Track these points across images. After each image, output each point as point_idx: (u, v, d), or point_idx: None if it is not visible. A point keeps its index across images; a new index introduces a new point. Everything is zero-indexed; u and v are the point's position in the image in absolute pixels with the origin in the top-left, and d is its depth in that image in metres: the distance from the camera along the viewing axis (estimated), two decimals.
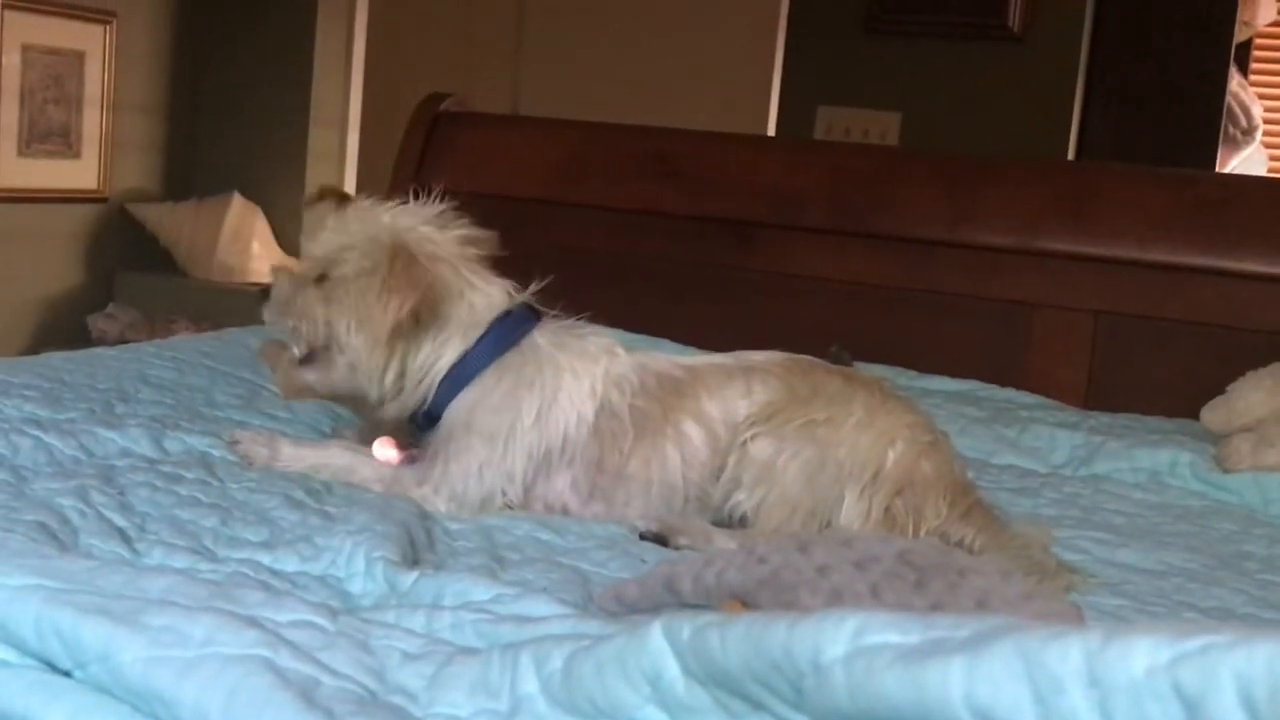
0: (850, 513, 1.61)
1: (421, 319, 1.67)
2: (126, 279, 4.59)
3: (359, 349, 1.69)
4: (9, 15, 4.16)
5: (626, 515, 1.71)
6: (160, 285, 4.56)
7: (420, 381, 1.72)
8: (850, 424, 1.65)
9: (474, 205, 2.97)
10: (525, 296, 1.80)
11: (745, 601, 1.22)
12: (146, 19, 4.71)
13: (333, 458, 1.73)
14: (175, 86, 4.83)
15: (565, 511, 1.72)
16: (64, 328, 4.45)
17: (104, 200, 4.57)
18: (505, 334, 1.74)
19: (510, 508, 1.69)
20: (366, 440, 1.88)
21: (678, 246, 3.07)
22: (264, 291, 1.79)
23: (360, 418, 1.94)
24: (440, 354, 1.72)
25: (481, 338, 1.73)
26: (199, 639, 0.92)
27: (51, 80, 4.37)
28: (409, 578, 1.26)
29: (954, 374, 2.78)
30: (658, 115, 4.14)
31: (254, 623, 0.96)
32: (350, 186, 5.08)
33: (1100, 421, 2.44)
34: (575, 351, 1.75)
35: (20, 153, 4.29)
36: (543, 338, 1.76)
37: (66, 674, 0.95)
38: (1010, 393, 2.69)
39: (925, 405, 2.49)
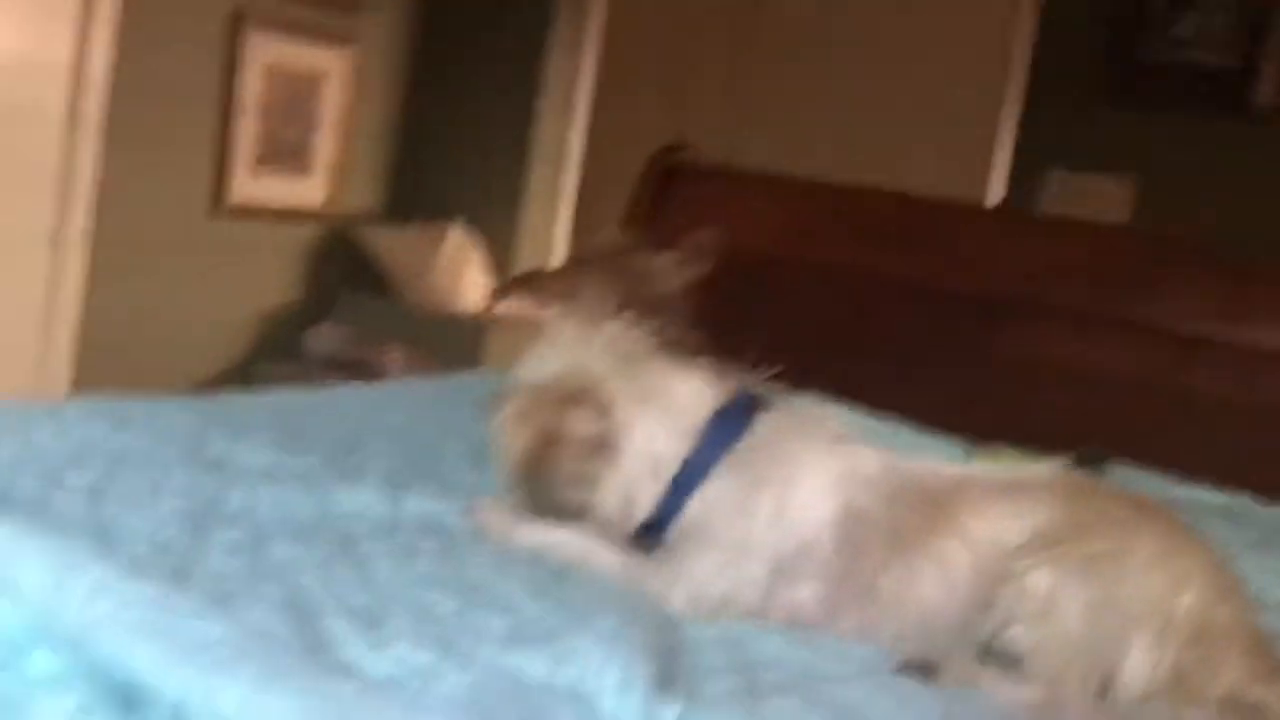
0: (1136, 665, 1.45)
1: (549, 449, 1.62)
2: (344, 298, 4.66)
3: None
4: (253, 36, 4.26)
5: (878, 636, 1.58)
6: (376, 307, 4.62)
7: (634, 495, 1.64)
8: (1139, 560, 1.49)
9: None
10: (744, 384, 1.69)
11: None
12: (385, 45, 4.78)
13: (568, 539, 1.65)
14: (406, 113, 4.89)
15: (811, 625, 1.59)
16: (279, 341, 4.52)
17: (328, 219, 4.63)
18: (726, 430, 1.63)
19: (750, 614, 1.58)
20: None
21: (914, 320, 2.93)
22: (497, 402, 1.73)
23: None
24: (653, 472, 1.63)
25: (700, 440, 1.63)
26: None
27: (289, 100, 4.46)
28: (671, 710, 1.15)
29: (1217, 484, 2.57)
30: (876, 169, 4.01)
31: None
32: (565, 224, 5.07)
33: None
34: (810, 441, 1.64)
35: (254, 170, 4.37)
36: (767, 429, 1.64)
37: None
38: (1277, 511, 2.46)
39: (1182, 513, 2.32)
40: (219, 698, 0.94)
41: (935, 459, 2.14)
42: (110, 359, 3.97)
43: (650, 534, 1.65)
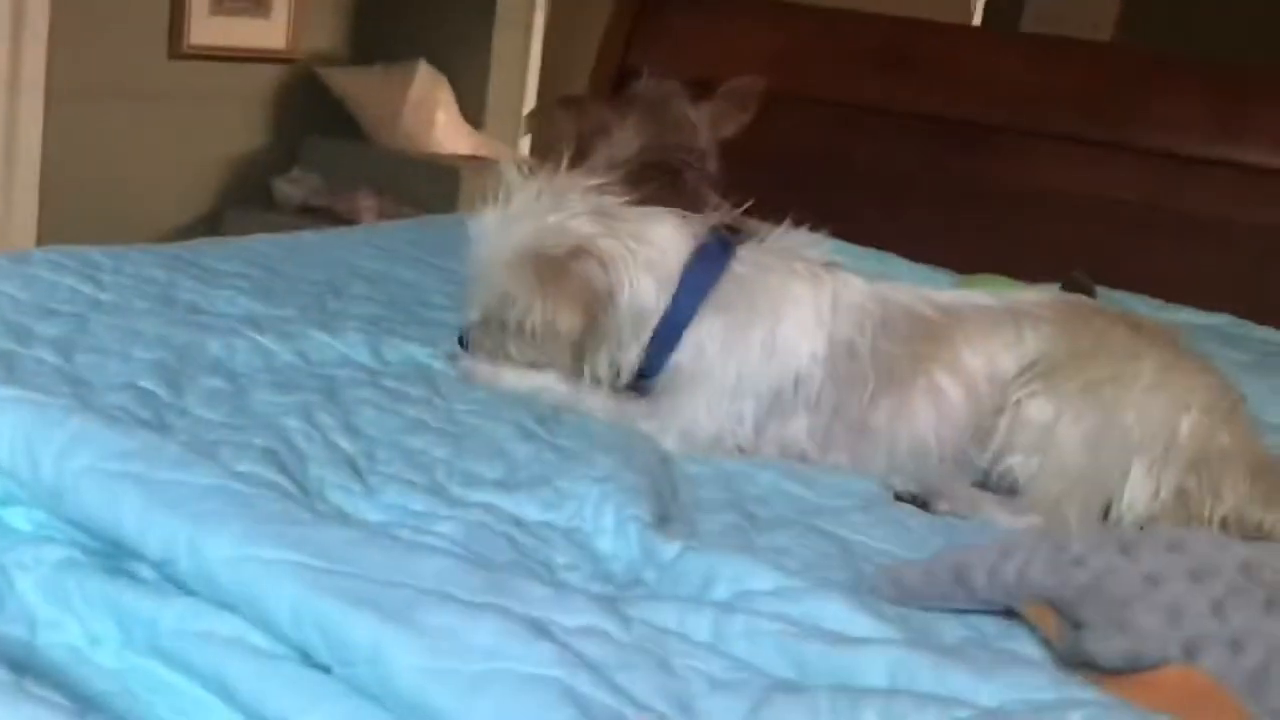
0: (1137, 489, 1.43)
1: (596, 317, 1.53)
2: (310, 143, 4.52)
3: (561, 349, 1.58)
4: None
5: (871, 469, 1.55)
6: (344, 151, 4.49)
7: (629, 356, 1.57)
8: (1140, 386, 1.46)
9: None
10: (712, 223, 1.63)
11: (1056, 608, 1.07)
12: None
13: (556, 383, 1.61)
14: None
15: (803, 458, 1.56)
16: (248, 189, 4.42)
17: (291, 61, 4.49)
18: (704, 273, 1.57)
19: (741, 449, 1.55)
20: None
21: (905, 148, 2.85)
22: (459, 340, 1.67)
23: None
24: (639, 321, 1.56)
25: (677, 289, 1.56)
26: (484, 649, 0.81)
27: None
28: (669, 549, 1.13)
29: (1202, 305, 2.54)
30: None
31: (542, 630, 0.84)
32: (536, 57, 4.93)
33: None
34: (790, 273, 1.58)
35: (212, 11, 4.23)
36: (746, 265, 1.58)
37: (324, 669, 0.84)
38: (1269, 331, 2.45)
39: None
40: (207, 549, 0.90)
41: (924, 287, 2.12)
42: (74, 207, 3.88)
43: (638, 384, 1.60)
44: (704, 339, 1.55)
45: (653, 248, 1.57)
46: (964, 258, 2.64)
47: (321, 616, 0.84)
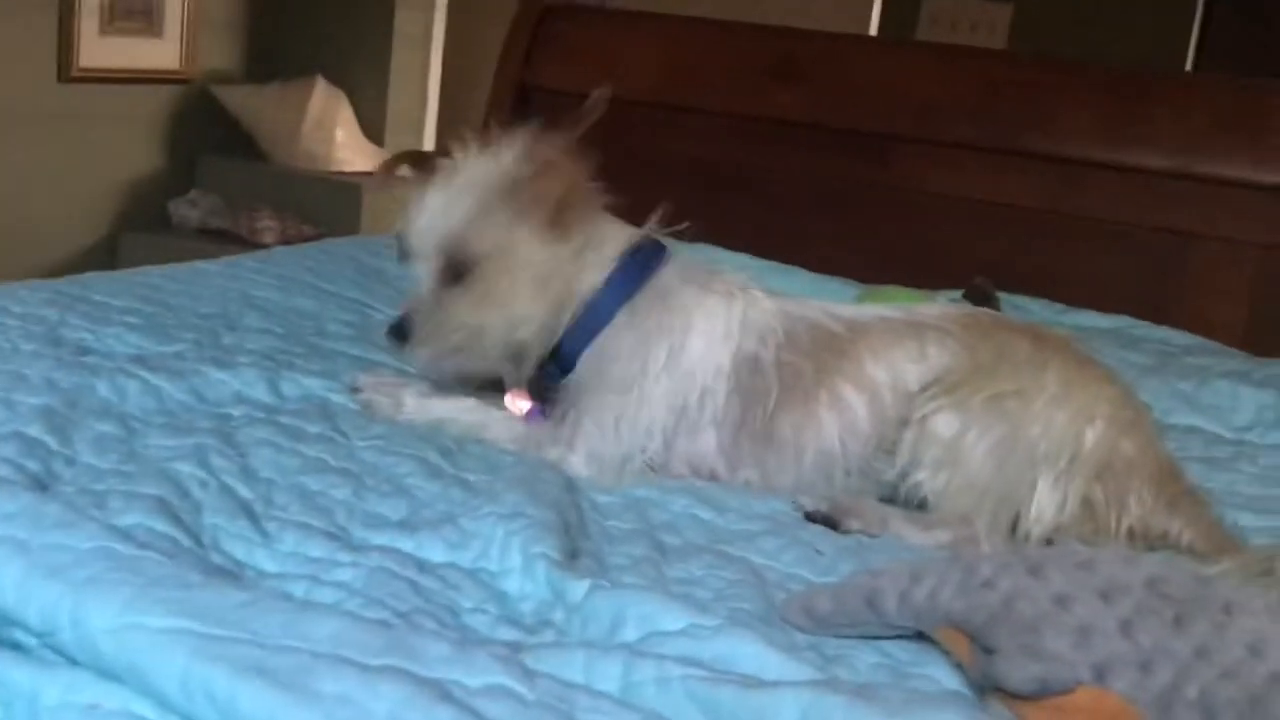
0: (1044, 501, 1.44)
1: (572, 208, 1.52)
2: (208, 163, 4.45)
3: (517, 291, 1.53)
4: None
5: (780, 484, 1.55)
6: (243, 170, 4.41)
7: (559, 321, 1.56)
8: (1044, 398, 1.47)
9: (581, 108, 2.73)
10: (652, 229, 1.62)
11: (968, 634, 1.06)
12: None
13: (461, 412, 1.58)
14: None
15: (713, 477, 1.56)
16: (145, 212, 4.33)
17: (186, 81, 4.41)
18: (634, 272, 1.57)
19: (652, 469, 1.53)
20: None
21: (805, 159, 2.86)
22: (394, 330, 1.55)
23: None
24: (580, 282, 1.56)
25: (610, 276, 1.56)
26: (382, 715, 0.78)
27: None
28: (578, 588, 1.11)
29: (1102, 307, 2.57)
30: (758, 5, 3.90)
31: (444, 693, 0.81)
32: (436, 71, 4.89)
33: (1274, 372, 2.23)
34: (706, 290, 1.58)
35: (102, 31, 4.13)
36: (673, 275, 1.59)
37: None
38: (1166, 331, 2.48)
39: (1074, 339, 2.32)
40: (90, 618, 0.86)
41: (828, 301, 2.12)
42: None
43: (549, 373, 1.58)
44: (616, 342, 1.55)
45: (598, 229, 1.58)
46: (866, 266, 2.65)
47: (212, 686, 0.80)
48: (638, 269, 1.58)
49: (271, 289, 2.11)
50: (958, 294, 2.46)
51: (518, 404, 1.63)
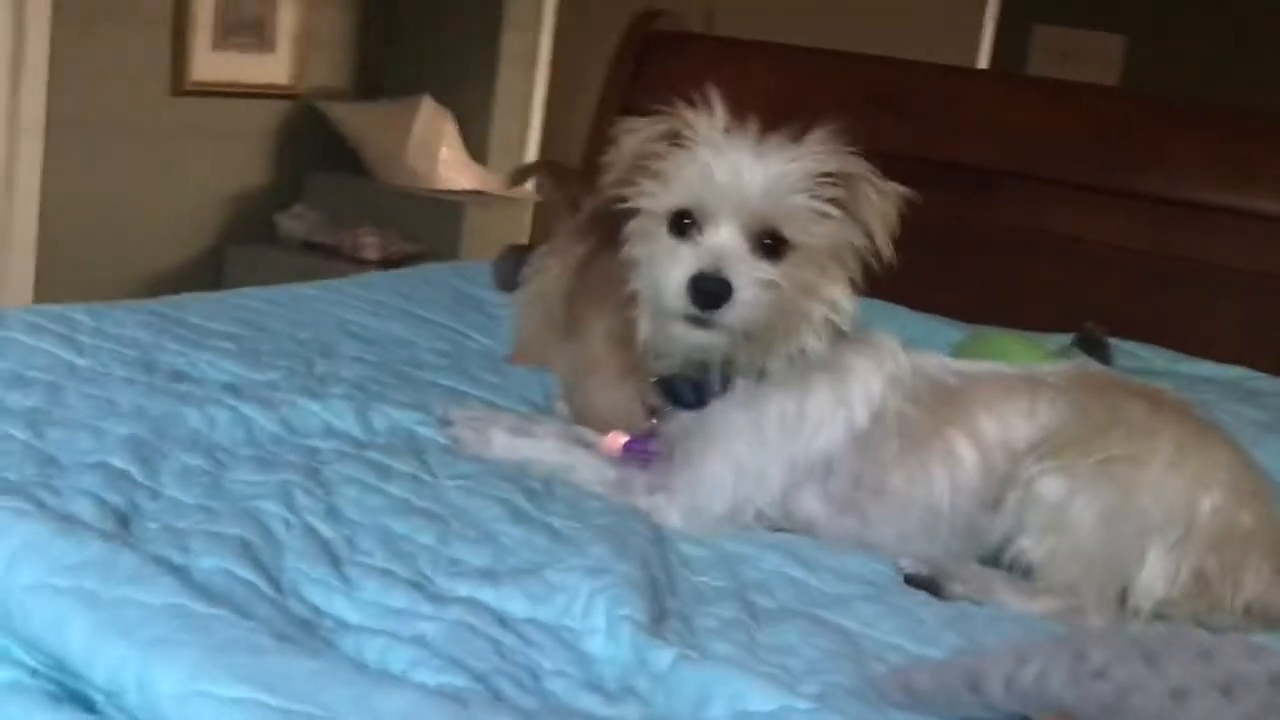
0: (1154, 573, 1.37)
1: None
2: (314, 178, 4.50)
3: (821, 291, 1.44)
4: None
5: (882, 536, 1.49)
6: (347, 186, 4.46)
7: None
8: (1158, 463, 1.40)
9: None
10: None
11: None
12: None
13: (549, 452, 1.55)
14: None
15: (811, 525, 1.50)
16: (251, 224, 4.40)
17: (295, 97, 4.47)
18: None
19: (757, 522, 1.48)
20: (580, 418, 1.70)
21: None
22: (705, 287, 1.37)
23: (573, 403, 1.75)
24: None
25: None
26: None
27: None
28: (664, 656, 1.07)
29: (1218, 357, 2.47)
30: (862, 34, 3.83)
31: None
32: (540, 94, 4.90)
33: None
34: (863, 347, 1.52)
35: (215, 45, 4.19)
36: (848, 336, 1.51)
37: None
38: None
39: (1189, 389, 2.24)
40: (156, 682, 0.84)
41: (935, 346, 2.06)
42: (75, 245, 3.84)
43: (683, 395, 1.51)
44: (773, 389, 1.47)
45: None
46: (970, 307, 2.58)
47: None
48: None
49: (368, 314, 2.11)
50: (1067, 338, 2.39)
51: (616, 441, 1.59)
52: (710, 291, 1.36)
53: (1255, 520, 1.40)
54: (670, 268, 1.39)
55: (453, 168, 4.50)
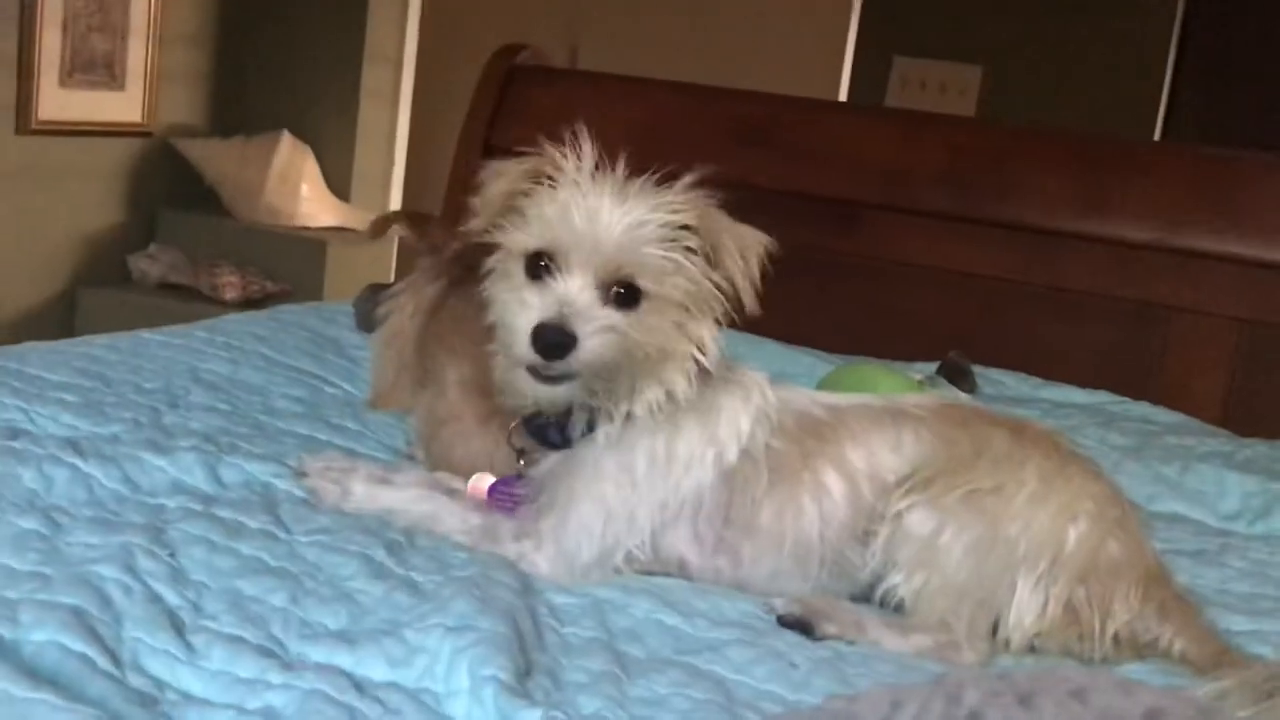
0: (1024, 605, 1.37)
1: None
2: (170, 217, 4.37)
3: (673, 340, 1.41)
4: None
5: (754, 575, 1.47)
6: (204, 225, 4.34)
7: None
8: (1024, 495, 1.40)
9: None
10: None
11: None
12: None
13: (411, 501, 1.49)
14: (223, 17, 4.58)
15: (683, 566, 1.48)
16: (104, 267, 4.25)
17: (148, 135, 4.34)
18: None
19: (619, 569, 1.45)
20: (438, 468, 1.64)
21: (771, 226, 2.76)
22: (548, 336, 1.34)
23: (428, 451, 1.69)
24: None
25: None
26: None
27: (96, 8, 4.13)
28: (530, 716, 1.02)
29: (1078, 381, 2.52)
30: (725, 68, 3.86)
31: None
32: (404, 128, 4.84)
33: (1258, 453, 2.17)
34: (737, 393, 1.49)
35: (62, 83, 4.06)
36: (716, 374, 1.48)
37: None
38: (1146, 408, 2.43)
39: (1050, 415, 2.26)
40: None
41: (803, 379, 2.05)
42: None
43: (559, 439, 1.47)
44: (641, 431, 1.44)
45: None
46: (835, 337, 2.59)
47: None
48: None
49: (219, 360, 2.03)
50: (931, 366, 2.41)
51: (481, 484, 1.54)
52: (553, 342, 1.33)
53: (1122, 549, 1.41)
54: (518, 314, 1.36)
55: (314, 204, 4.40)
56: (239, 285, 4.08)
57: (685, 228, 1.40)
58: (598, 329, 1.34)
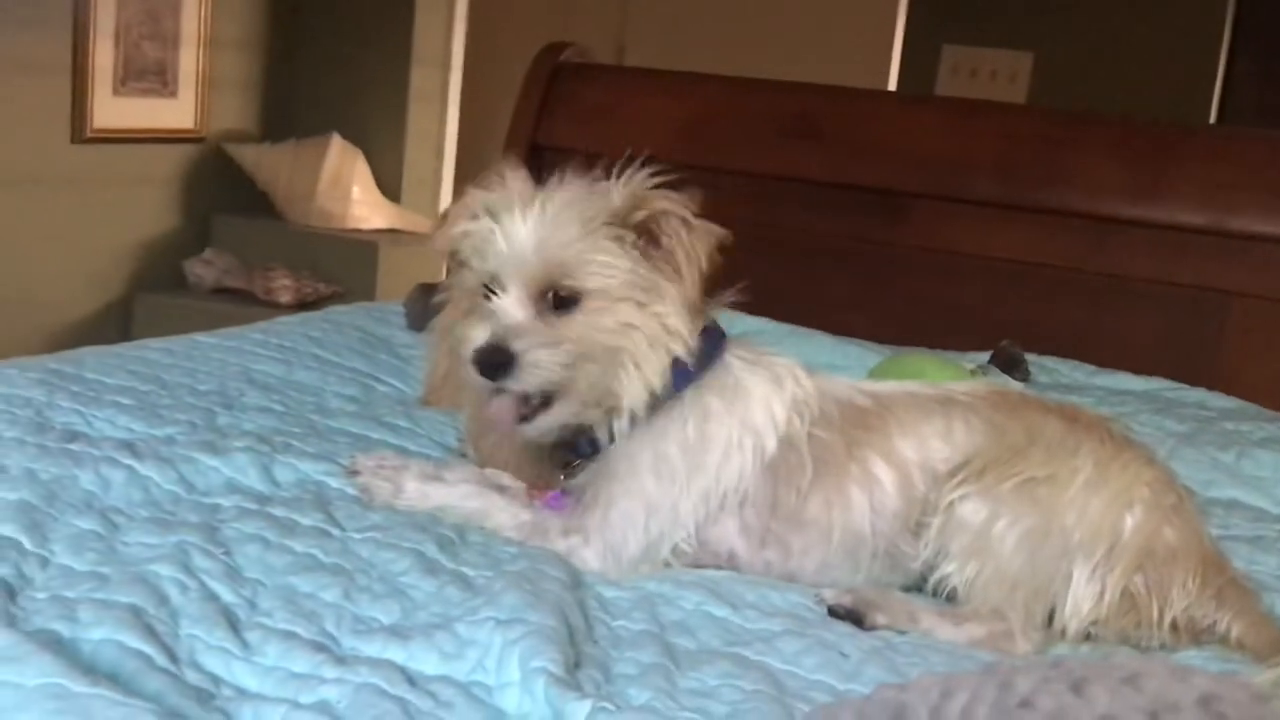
0: (1080, 593, 1.35)
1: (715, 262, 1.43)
2: (223, 222, 4.42)
3: (628, 334, 1.41)
4: None
5: (804, 567, 1.47)
6: (258, 229, 4.38)
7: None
8: (1078, 483, 1.38)
9: (594, 166, 2.72)
10: (719, 305, 1.52)
11: None
12: None
13: (462, 498, 1.50)
14: (273, 23, 4.62)
15: (732, 559, 1.48)
16: (159, 272, 4.30)
17: (200, 140, 4.38)
18: (707, 350, 1.47)
19: (669, 562, 1.45)
20: (493, 460, 1.65)
21: (820, 218, 2.78)
22: (486, 357, 1.38)
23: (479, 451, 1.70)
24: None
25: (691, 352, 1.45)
26: None
27: (147, 16, 4.18)
28: (580, 708, 1.03)
29: (1134, 369, 2.48)
30: (772, 57, 3.84)
31: None
32: (453, 129, 4.86)
33: None
34: (762, 373, 1.50)
35: (115, 91, 4.11)
36: (734, 357, 1.50)
37: None
38: (1203, 394, 2.39)
39: (1106, 402, 2.24)
40: None
41: (852, 370, 2.04)
42: None
43: (580, 446, 1.49)
44: (673, 425, 1.45)
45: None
46: (886, 328, 2.58)
47: None
48: (710, 348, 1.48)
49: (273, 362, 2.05)
50: (984, 357, 2.39)
51: (537, 495, 1.55)
52: (493, 362, 1.38)
53: (1179, 536, 1.39)
54: (465, 339, 1.42)
55: (365, 207, 4.43)
56: (293, 288, 4.12)
57: (635, 213, 1.40)
58: (536, 343, 1.37)
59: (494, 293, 1.41)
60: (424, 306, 2.16)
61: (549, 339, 1.38)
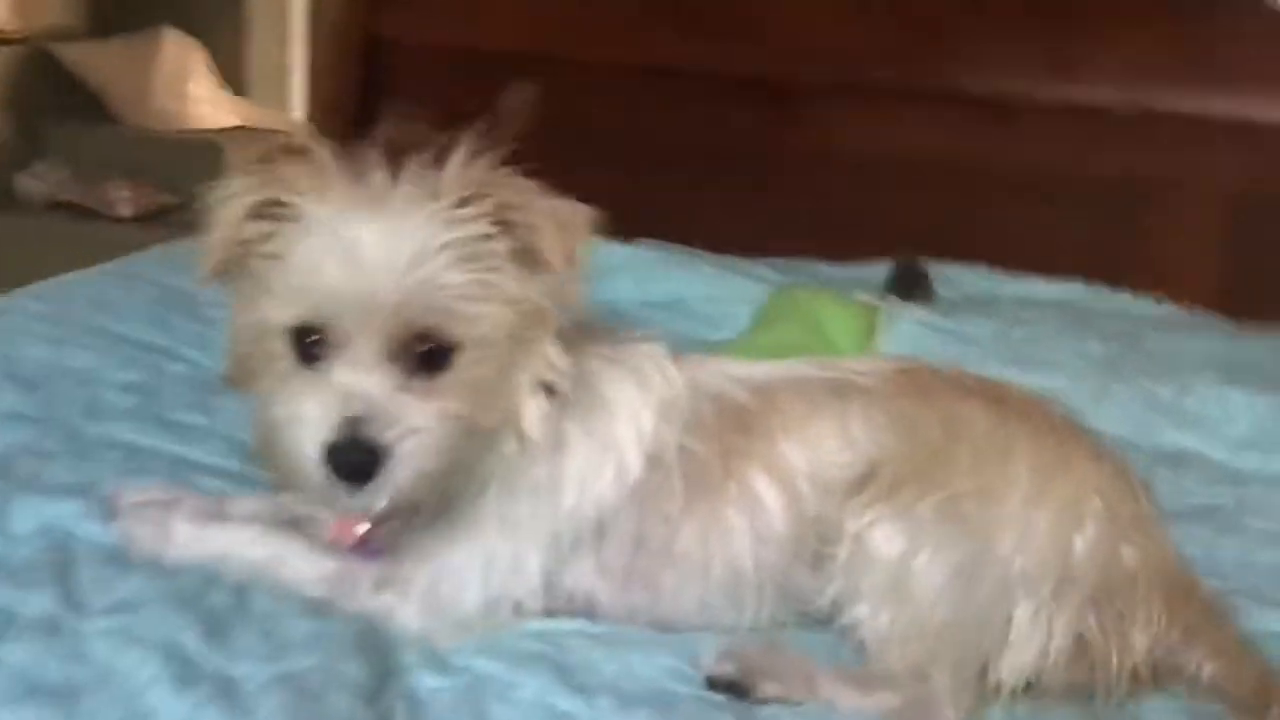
0: (1023, 642, 1.11)
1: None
2: (55, 130, 4.19)
3: (506, 382, 1.12)
4: None
5: (678, 609, 1.22)
6: (93, 136, 4.19)
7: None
8: (1015, 498, 1.13)
9: (441, 64, 2.46)
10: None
11: None
12: None
13: (249, 544, 1.19)
14: None
15: (591, 605, 1.21)
16: None
17: (21, 41, 4.05)
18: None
19: (516, 614, 1.17)
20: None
21: (698, 115, 2.53)
22: (346, 462, 1.04)
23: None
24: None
25: None
26: None
27: None
28: None
29: (1049, 272, 2.26)
30: None
31: None
32: (299, 11, 4.49)
33: (1259, 352, 1.93)
34: (630, 380, 1.22)
35: None
36: (594, 360, 1.21)
37: None
38: (1126, 300, 2.21)
39: (1019, 320, 2.01)
40: None
41: (738, 308, 1.78)
42: None
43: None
44: (524, 464, 1.17)
45: None
46: (775, 240, 2.39)
47: None
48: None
49: (41, 342, 1.69)
50: (882, 271, 2.16)
51: (347, 530, 1.23)
52: (355, 467, 1.04)
53: (1139, 554, 1.15)
54: (296, 425, 1.06)
55: (208, 104, 4.25)
56: (133, 200, 3.94)
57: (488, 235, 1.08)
58: (410, 432, 1.04)
59: (318, 344, 1.07)
60: None
61: (424, 417, 1.05)
